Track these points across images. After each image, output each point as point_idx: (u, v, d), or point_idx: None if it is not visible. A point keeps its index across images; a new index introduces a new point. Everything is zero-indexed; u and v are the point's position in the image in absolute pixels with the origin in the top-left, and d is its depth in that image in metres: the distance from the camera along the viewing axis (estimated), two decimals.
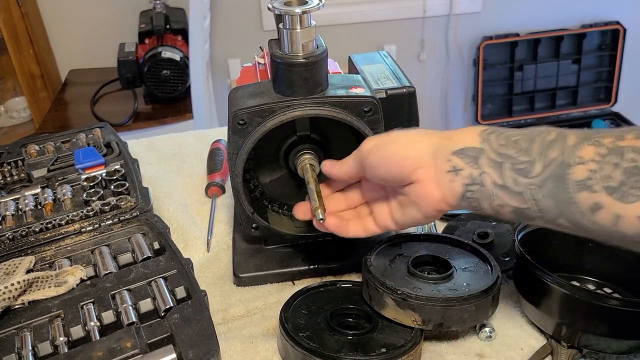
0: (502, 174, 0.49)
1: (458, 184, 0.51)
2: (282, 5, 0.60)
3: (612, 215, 0.43)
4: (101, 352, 0.55)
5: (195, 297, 0.62)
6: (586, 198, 0.44)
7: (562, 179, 0.45)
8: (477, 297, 0.59)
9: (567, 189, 0.45)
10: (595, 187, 0.43)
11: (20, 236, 0.74)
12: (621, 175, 0.42)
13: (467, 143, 0.51)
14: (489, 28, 2.45)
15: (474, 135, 0.51)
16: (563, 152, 0.46)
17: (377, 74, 0.78)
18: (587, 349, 0.60)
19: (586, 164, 0.44)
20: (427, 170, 0.53)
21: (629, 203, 0.42)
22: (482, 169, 0.50)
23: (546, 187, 0.46)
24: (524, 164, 0.47)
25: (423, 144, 0.54)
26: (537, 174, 0.47)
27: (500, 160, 0.49)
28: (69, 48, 2.28)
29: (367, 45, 2.42)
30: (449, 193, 0.52)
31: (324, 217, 0.60)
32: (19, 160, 0.91)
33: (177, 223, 0.85)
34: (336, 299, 0.65)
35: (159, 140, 1.11)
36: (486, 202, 0.50)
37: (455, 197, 0.52)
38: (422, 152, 0.53)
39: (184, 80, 1.89)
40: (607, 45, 2.52)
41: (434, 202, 0.54)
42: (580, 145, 0.45)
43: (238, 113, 0.63)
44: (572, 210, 0.45)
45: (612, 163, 0.43)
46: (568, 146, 0.45)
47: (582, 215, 0.45)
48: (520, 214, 0.49)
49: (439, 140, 0.53)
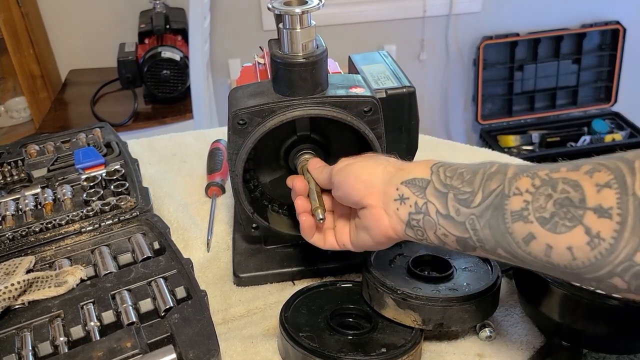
0: (446, 204, 0.50)
1: (403, 212, 0.53)
2: (282, 5, 0.60)
3: (545, 246, 0.44)
4: (101, 352, 0.55)
5: (196, 297, 0.62)
6: (521, 228, 0.45)
7: (500, 209, 0.46)
8: (477, 297, 0.59)
9: (504, 219, 0.46)
10: (529, 217, 0.44)
11: (20, 236, 0.74)
12: (553, 206, 0.43)
13: (417, 174, 0.53)
14: (489, 28, 2.45)
15: (425, 167, 0.53)
16: (502, 183, 0.47)
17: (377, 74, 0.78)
18: (588, 349, 0.60)
19: (522, 194, 0.45)
20: (377, 196, 0.55)
21: (559, 234, 0.43)
22: (427, 198, 0.52)
23: (485, 217, 0.47)
24: (466, 194, 0.49)
25: (378, 170, 0.56)
26: (477, 204, 0.48)
27: (445, 190, 0.50)
28: (69, 48, 2.28)
29: (367, 45, 2.42)
30: (395, 220, 0.54)
31: (324, 217, 0.60)
32: (19, 160, 0.91)
33: (177, 223, 0.85)
34: (336, 299, 0.65)
35: (159, 140, 1.11)
36: (431, 232, 0.52)
37: (401, 225, 0.54)
38: (375, 178, 0.56)
39: (184, 80, 1.88)
40: (607, 45, 2.52)
41: (382, 228, 0.55)
42: (517, 177, 0.46)
43: (238, 113, 0.63)
44: (508, 241, 0.46)
45: (546, 194, 0.44)
46: (507, 178, 0.47)
47: (517, 245, 0.46)
48: (462, 243, 0.50)
49: (393, 169, 0.56)
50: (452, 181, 0.51)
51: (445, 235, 0.51)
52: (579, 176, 0.43)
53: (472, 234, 0.49)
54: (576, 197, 0.42)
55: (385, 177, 0.55)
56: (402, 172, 0.55)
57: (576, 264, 0.42)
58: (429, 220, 0.51)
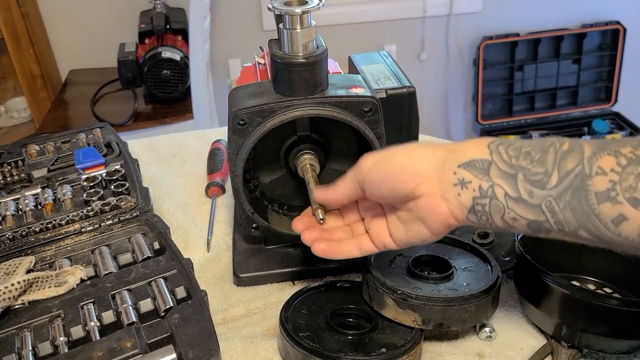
0: (516, 186, 0.46)
1: (466, 197, 0.49)
2: (282, 6, 0.60)
3: (638, 227, 0.42)
4: (101, 352, 0.55)
5: (196, 297, 0.62)
6: (609, 209, 0.43)
7: (582, 191, 0.44)
8: (477, 297, 0.59)
9: (587, 200, 0.43)
10: (618, 198, 0.42)
11: (21, 236, 0.74)
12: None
13: (474, 155, 0.49)
14: (489, 28, 2.45)
15: (482, 146, 0.49)
16: (581, 163, 0.44)
17: (377, 74, 0.78)
18: (588, 349, 0.60)
19: (607, 174, 0.43)
20: (432, 183, 0.50)
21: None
22: (492, 180, 0.48)
23: (565, 198, 0.44)
24: (539, 175, 0.46)
25: (426, 157, 0.51)
26: (554, 185, 0.45)
27: (513, 171, 0.47)
28: (69, 48, 2.28)
29: (367, 45, 2.42)
30: (456, 207, 0.50)
31: (324, 217, 0.60)
32: (19, 161, 0.91)
33: (177, 223, 0.85)
34: (336, 299, 0.65)
35: (159, 140, 1.11)
36: (498, 216, 0.48)
37: (464, 210, 0.50)
38: (425, 165, 0.51)
39: (184, 80, 1.89)
40: (607, 45, 2.52)
41: (441, 217, 0.51)
42: (598, 155, 0.44)
43: (238, 113, 0.63)
44: (594, 222, 0.44)
45: (635, 174, 0.42)
46: (586, 156, 0.44)
47: (606, 227, 0.43)
48: (536, 227, 0.47)
49: (443, 152, 0.51)
50: (518, 161, 0.46)
51: (515, 219, 0.47)
52: None
53: (549, 216, 0.45)
54: None
55: (436, 161, 0.50)
56: (455, 153, 0.50)
57: None
58: (497, 204, 0.47)
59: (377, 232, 0.57)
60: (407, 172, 0.51)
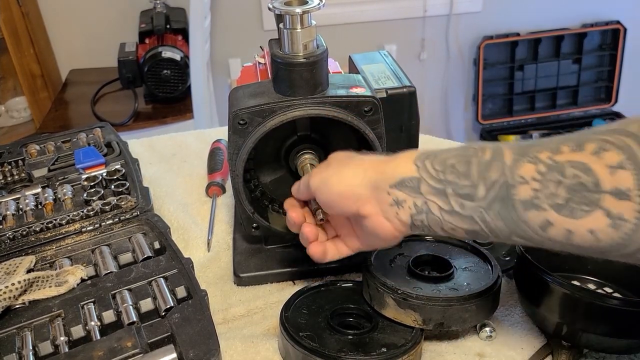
0: (447, 200, 0.48)
1: (404, 215, 0.51)
2: (283, 5, 0.60)
3: (564, 231, 0.43)
4: (102, 352, 0.55)
5: (196, 296, 0.62)
6: (535, 216, 0.44)
7: (508, 200, 0.45)
8: (478, 296, 0.59)
9: (515, 209, 0.45)
10: (542, 205, 0.43)
11: (21, 236, 0.74)
12: (566, 192, 0.42)
13: (403, 173, 0.51)
14: (490, 28, 2.45)
15: (408, 163, 0.51)
16: (503, 173, 0.45)
17: (378, 74, 0.78)
18: (588, 349, 0.60)
19: (529, 183, 0.44)
20: (371, 205, 0.53)
21: (578, 218, 0.42)
22: (424, 197, 0.50)
23: (493, 209, 0.46)
24: (466, 188, 0.47)
25: (358, 180, 0.54)
26: (482, 197, 0.46)
27: (442, 186, 0.48)
28: (70, 48, 2.28)
29: (367, 44, 2.42)
30: (398, 224, 0.52)
31: (324, 218, 0.60)
32: (19, 160, 0.91)
33: (178, 223, 0.85)
34: (336, 298, 0.65)
35: (160, 140, 1.11)
36: (437, 227, 0.50)
37: (405, 226, 0.52)
38: (360, 189, 0.53)
39: (184, 80, 1.89)
40: (607, 44, 2.52)
41: (387, 232, 0.54)
42: (518, 164, 0.45)
43: (238, 113, 0.63)
44: (523, 229, 0.45)
45: (555, 180, 0.43)
46: (507, 166, 0.45)
47: (534, 232, 0.45)
48: (473, 234, 0.49)
49: (374, 174, 0.53)
50: (445, 175, 0.48)
51: (454, 229, 0.49)
52: (586, 158, 0.42)
53: (482, 226, 0.47)
54: (589, 181, 0.41)
55: (369, 184, 0.53)
56: (385, 174, 0.52)
57: (601, 245, 0.42)
58: (433, 217, 0.50)
59: (347, 236, 0.60)
60: (345, 197, 0.54)
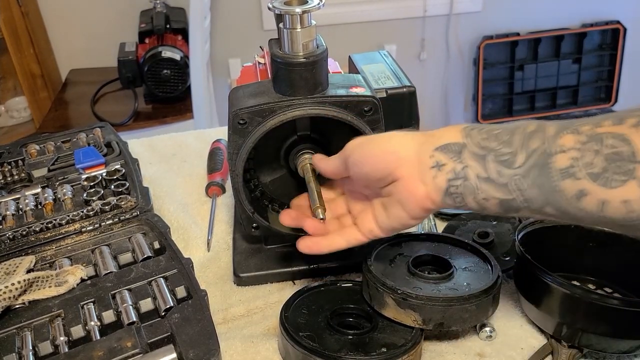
0: (486, 166, 0.49)
1: (441, 179, 0.51)
2: (283, 5, 0.60)
3: (598, 201, 0.44)
4: (102, 352, 0.55)
5: (196, 296, 0.62)
6: (571, 185, 0.45)
7: (545, 168, 0.46)
8: (478, 296, 0.59)
9: (551, 177, 0.45)
10: (578, 174, 0.44)
11: (21, 236, 0.74)
12: (603, 161, 0.43)
13: (449, 139, 0.52)
14: (490, 27, 2.45)
15: (456, 131, 0.52)
16: (544, 142, 0.46)
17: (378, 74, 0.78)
18: (588, 349, 0.60)
19: (567, 152, 0.45)
20: (410, 166, 0.53)
21: (613, 188, 0.43)
22: (465, 162, 0.50)
23: (530, 176, 0.47)
24: (507, 155, 0.48)
25: (407, 141, 0.54)
26: (520, 164, 0.47)
27: (483, 152, 0.49)
28: (70, 48, 2.28)
29: (367, 44, 2.42)
30: (432, 189, 0.52)
31: (324, 217, 0.60)
32: (19, 160, 0.91)
33: (178, 223, 0.85)
34: (336, 298, 0.65)
35: (160, 140, 1.11)
36: (470, 197, 0.51)
37: (439, 193, 0.52)
38: (406, 148, 0.53)
39: (184, 79, 1.89)
40: (607, 44, 2.52)
41: (418, 199, 0.53)
42: (560, 135, 0.46)
43: (238, 113, 0.63)
44: (557, 198, 0.46)
45: (593, 150, 0.44)
46: (548, 136, 0.46)
47: (568, 202, 0.45)
48: (505, 205, 0.49)
49: (422, 137, 0.54)
50: (489, 142, 0.49)
51: (486, 199, 0.50)
52: (625, 130, 0.43)
53: (517, 194, 0.48)
54: (626, 150, 0.42)
55: (415, 145, 0.53)
56: (432, 137, 0.53)
57: (634, 216, 0.43)
58: (469, 185, 0.50)
59: (364, 219, 0.60)
60: (389, 152, 0.54)
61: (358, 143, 0.57)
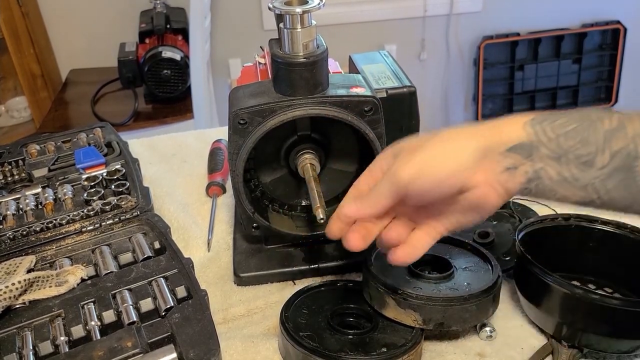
0: (562, 168, 0.46)
1: (514, 184, 0.48)
2: (283, 5, 0.60)
3: None
4: (102, 352, 0.55)
5: (196, 296, 0.62)
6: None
7: (632, 170, 0.44)
8: (478, 296, 0.59)
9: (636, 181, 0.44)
10: None
11: (21, 236, 0.74)
12: None
13: (517, 138, 0.47)
14: (490, 27, 2.45)
15: (520, 126, 0.48)
16: (627, 143, 0.44)
17: (378, 74, 0.78)
18: (588, 349, 0.60)
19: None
20: (479, 175, 0.48)
21: None
22: (539, 164, 0.47)
23: (614, 178, 0.45)
24: (586, 156, 0.45)
25: (467, 153, 0.48)
26: (603, 166, 0.45)
27: (558, 153, 0.46)
28: (70, 48, 2.28)
29: (367, 44, 2.42)
30: (504, 193, 0.49)
31: (325, 217, 0.60)
32: (19, 160, 0.91)
33: (178, 223, 0.85)
34: (337, 298, 0.65)
35: (160, 139, 1.11)
36: (547, 195, 0.48)
37: (512, 194, 0.49)
38: (469, 159, 0.48)
39: (184, 80, 1.89)
40: (607, 44, 2.52)
41: (493, 203, 0.50)
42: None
43: (239, 113, 0.63)
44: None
45: None
46: (630, 136, 0.44)
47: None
48: (584, 203, 0.47)
49: (485, 138, 0.49)
50: (564, 141, 0.46)
51: (563, 198, 0.48)
52: None
53: (599, 195, 0.46)
54: None
55: (481, 149, 0.48)
56: (497, 136, 0.48)
57: None
58: (544, 186, 0.47)
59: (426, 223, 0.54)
60: (453, 175, 0.48)
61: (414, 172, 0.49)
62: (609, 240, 0.66)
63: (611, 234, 0.65)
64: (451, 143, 0.50)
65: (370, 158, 0.69)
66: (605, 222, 0.66)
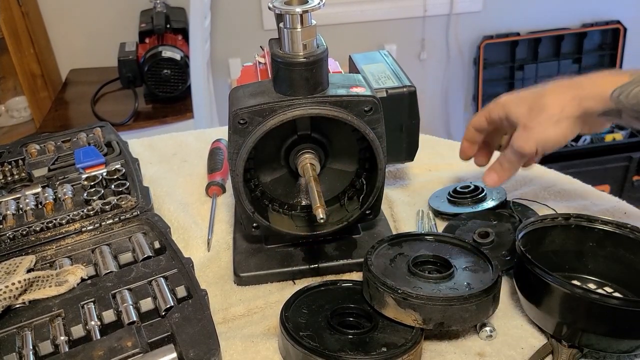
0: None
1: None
2: (283, 5, 0.60)
3: None
4: (102, 352, 0.56)
5: (196, 296, 0.62)
6: None
7: None
8: (478, 296, 0.59)
9: None
10: None
11: (21, 235, 0.74)
12: None
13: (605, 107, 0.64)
14: (490, 27, 2.45)
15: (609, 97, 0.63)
16: None
17: (378, 74, 0.78)
18: (588, 348, 0.60)
19: None
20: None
21: None
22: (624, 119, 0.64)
23: None
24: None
25: (574, 122, 0.67)
26: None
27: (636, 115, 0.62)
28: (70, 47, 2.28)
29: (367, 44, 2.42)
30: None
31: (324, 217, 0.60)
32: (19, 160, 0.91)
33: (178, 222, 0.85)
34: (337, 298, 0.65)
35: (160, 139, 1.11)
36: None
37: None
38: (575, 129, 0.67)
39: (184, 79, 1.89)
40: (607, 44, 2.52)
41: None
42: None
43: (238, 112, 0.63)
44: None
45: None
46: None
47: None
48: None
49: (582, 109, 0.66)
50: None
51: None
52: None
53: None
54: None
55: (581, 121, 0.67)
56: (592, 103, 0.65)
57: None
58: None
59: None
60: (567, 139, 0.67)
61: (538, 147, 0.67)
62: (609, 240, 0.66)
63: (611, 234, 0.65)
64: (560, 124, 0.66)
65: (370, 158, 0.69)
66: (605, 222, 0.66)
